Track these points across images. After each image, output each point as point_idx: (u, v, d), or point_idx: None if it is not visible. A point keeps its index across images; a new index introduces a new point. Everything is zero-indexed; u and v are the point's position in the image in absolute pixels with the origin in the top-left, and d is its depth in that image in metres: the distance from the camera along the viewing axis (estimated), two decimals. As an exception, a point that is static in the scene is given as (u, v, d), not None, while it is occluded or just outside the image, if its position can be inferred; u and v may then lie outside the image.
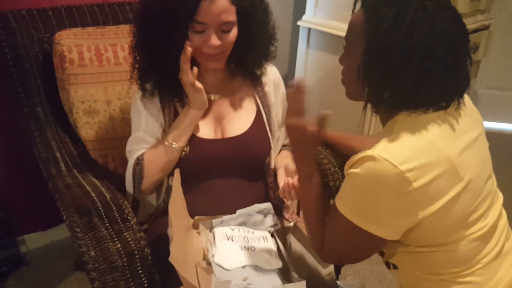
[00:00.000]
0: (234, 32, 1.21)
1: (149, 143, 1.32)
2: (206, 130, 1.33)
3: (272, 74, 1.43)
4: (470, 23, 2.57)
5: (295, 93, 1.07)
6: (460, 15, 0.98)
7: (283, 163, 1.37)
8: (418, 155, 0.92)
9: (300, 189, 1.14)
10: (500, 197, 1.12)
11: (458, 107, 1.01)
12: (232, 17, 1.17)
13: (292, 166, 1.21)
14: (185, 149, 1.29)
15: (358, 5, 1.02)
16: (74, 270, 1.96)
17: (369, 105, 1.03)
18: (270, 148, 1.40)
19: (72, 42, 1.51)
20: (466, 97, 1.07)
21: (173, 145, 1.27)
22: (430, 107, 0.97)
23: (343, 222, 0.99)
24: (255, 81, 1.39)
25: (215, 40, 1.17)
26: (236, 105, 1.38)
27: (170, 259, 1.01)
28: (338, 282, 1.41)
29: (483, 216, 1.03)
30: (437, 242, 1.01)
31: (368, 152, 0.94)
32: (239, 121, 1.36)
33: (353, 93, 1.06)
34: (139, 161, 1.30)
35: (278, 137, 1.47)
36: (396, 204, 0.94)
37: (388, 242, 1.00)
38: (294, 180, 1.21)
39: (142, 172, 1.30)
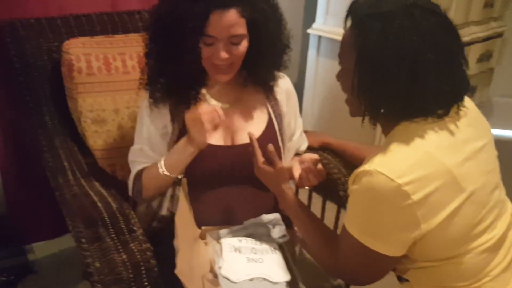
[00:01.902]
0: (244, 45, 1.20)
1: (149, 157, 1.33)
2: (216, 138, 1.32)
3: (284, 84, 1.41)
4: (483, 31, 2.55)
5: (251, 149, 1.22)
6: (449, 20, 0.97)
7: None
8: (416, 167, 0.91)
9: (294, 222, 1.22)
10: (509, 207, 1.10)
11: (459, 114, 0.99)
12: (241, 30, 1.16)
13: (305, 156, 1.25)
14: (180, 177, 1.29)
15: (349, 22, 1.01)
16: (82, 279, 1.95)
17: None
18: (281, 157, 1.38)
19: (80, 51, 1.51)
20: (473, 106, 1.06)
21: (168, 174, 1.27)
22: (428, 115, 0.95)
23: (350, 240, 0.98)
24: (267, 90, 1.37)
25: (223, 54, 1.17)
26: (247, 114, 1.36)
27: (176, 272, 1.00)
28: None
29: (490, 227, 1.01)
30: (444, 256, 0.99)
31: (366, 167, 0.93)
32: (249, 129, 1.34)
33: (355, 110, 1.05)
34: (138, 176, 1.32)
35: (289, 147, 1.45)
36: (397, 219, 0.93)
37: (397, 260, 0.99)
38: (310, 163, 1.23)
39: (141, 188, 1.32)
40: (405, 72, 0.91)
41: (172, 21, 1.15)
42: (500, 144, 1.09)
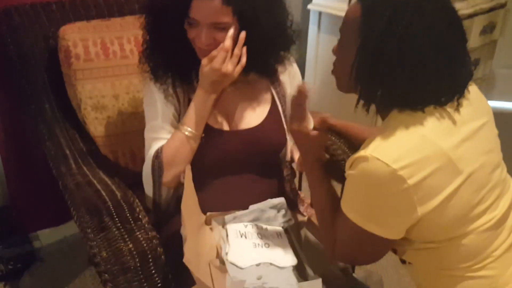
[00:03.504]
0: (230, 32, 1.16)
1: (169, 131, 1.27)
2: (219, 122, 1.30)
3: (287, 65, 1.38)
4: (486, 2, 2.50)
5: (297, 99, 1.12)
6: (458, 17, 0.96)
7: None
8: (411, 151, 0.91)
9: (311, 193, 1.16)
10: (511, 186, 1.09)
11: (459, 102, 0.98)
12: (225, 18, 1.13)
13: None
14: (202, 135, 1.26)
15: None
16: (88, 265, 1.96)
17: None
18: (286, 140, 1.36)
19: (77, 37, 1.48)
20: (472, 86, 1.04)
21: (191, 132, 1.22)
22: (425, 105, 0.95)
23: (348, 224, 0.99)
24: (269, 71, 1.35)
25: (204, 38, 1.15)
26: (250, 96, 1.34)
27: (184, 260, 1.01)
28: (354, 275, 1.39)
29: (491, 207, 1.00)
30: (443, 237, 0.99)
31: (362, 153, 0.94)
32: (253, 112, 1.32)
33: (343, 85, 1.05)
34: (158, 154, 1.24)
35: None
36: (393, 203, 0.93)
37: (395, 242, 0.99)
38: None
39: (162, 166, 1.24)
40: (408, 65, 0.90)
41: (159, 3, 1.16)
42: (504, 116, 1.08)
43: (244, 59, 1.19)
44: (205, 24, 1.14)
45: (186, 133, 1.22)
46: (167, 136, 1.26)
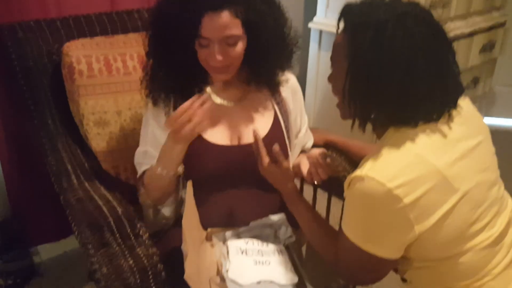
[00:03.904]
0: (240, 45, 1.18)
1: (154, 159, 1.29)
2: (221, 137, 1.31)
3: (289, 80, 1.40)
4: (486, 21, 2.53)
5: (254, 144, 1.20)
6: (441, 27, 0.97)
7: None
8: (406, 170, 0.92)
9: (300, 223, 1.21)
10: (509, 204, 1.10)
11: (450, 117, 0.99)
12: (236, 31, 1.15)
13: (313, 151, 1.26)
14: (179, 170, 1.27)
15: (342, 25, 1.01)
16: (88, 281, 1.95)
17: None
18: (288, 155, 1.37)
19: (80, 53, 1.50)
20: (467, 104, 1.06)
21: (162, 171, 1.23)
22: (419, 121, 0.96)
23: (348, 244, 0.99)
24: (271, 87, 1.36)
25: (218, 55, 1.16)
26: (252, 112, 1.35)
27: (185, 277, 1.01)
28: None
29: (489, 225, 1.01)
30: (441, 255, 1.00)
31: (357, 173, 0.95)
32: (255, 127, 1.33)
33: (346, 113, 1.06)
34: (141, 178, 1.31)
35: (295, 144, 1.44)
36: (391, 222, 0.94)
37: (395, 261, 1.00)
38: (318, 157, 1.23)
39: (140, 188, 1.31)
40: (396, 81, 0.91)
41: (167, 26, 1.16)
42: (503, 134, 1.09)
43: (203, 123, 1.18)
44: (217, 40, 1.15)
45: (159, 170, 1.24)
46: (150, 162, 1.30)
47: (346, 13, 1.00)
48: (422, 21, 0.94)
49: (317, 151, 1.25)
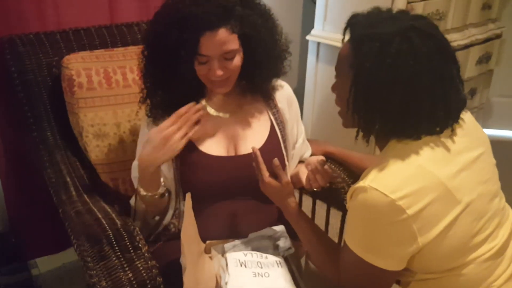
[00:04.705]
0: (238, 58, 1.21)
1: None
2: (218, 148, 1.31)
3: (284, 91, 1.41)
4: (482, 33, 2.55)
5: (256, 164, 1.20)
6: (447, 42, 0.98)
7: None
8: (409, 181, 0.92)
9: (300, 237, 1.21)
10: (511, 216, 1.09)
11: (453, 130, 0.99)
12: (234, 45, 1.18)
13: (312, 158, 1.26)
14: (161, 191, 1.28)
15: (348, 35, 1.02)
16: (86, 293, 1.94)
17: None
18: (285, 165, 1.37)
19: (80, 66, 1.51)
20: (468, 116, 1.06)
21: (143, 191, 1.26)
22: (421, 134, 0.96)
23: (351, 256, 0.99)
24: (267, 98, 1.37)
25: (218, 70, 1.19)
26: (248, 123, 1.36)
27: (183, 290, 1.00)
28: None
29: (491, 237, 1.01)
30: (443, 267, 0.99)
31: (360, 183, 0.95)
32: (252, 138, 1.34)
33: (348, 122, 1.06)
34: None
35: (293, 154, 1.45)
36: (394, 233, 0.93)
37: (397, 274, 0.99)
38: (317, 164, 1.22)
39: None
40: (400, 95, 0.92)
41: (165, 48, 1.18)
42: (500, 144, 1.09)
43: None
44: (216, 57, 1.17)
45: (142, 191, 1.26)
46: None
47: (352, 23, 1.00)
48: (428, 35, 0.94)
49: (315, 158, 1.25)
